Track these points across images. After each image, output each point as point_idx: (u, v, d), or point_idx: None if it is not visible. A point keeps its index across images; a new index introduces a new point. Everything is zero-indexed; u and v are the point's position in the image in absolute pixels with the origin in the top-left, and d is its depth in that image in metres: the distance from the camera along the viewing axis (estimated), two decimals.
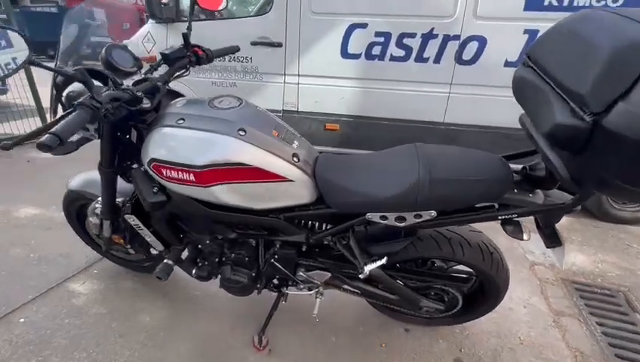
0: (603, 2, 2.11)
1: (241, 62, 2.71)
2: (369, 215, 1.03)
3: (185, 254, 1.32)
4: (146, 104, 1.03)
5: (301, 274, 1.28)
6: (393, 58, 2.47)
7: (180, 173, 0.97)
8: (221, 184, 0.98)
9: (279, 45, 2.60)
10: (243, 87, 2.77)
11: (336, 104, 2.69)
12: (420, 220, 1.00)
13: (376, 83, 2.57)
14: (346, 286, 1.32)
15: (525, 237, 0.98)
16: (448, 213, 1.01)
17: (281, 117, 2.59)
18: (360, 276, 1.13)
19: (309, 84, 2.68)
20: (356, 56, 2.52)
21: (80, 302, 1.55)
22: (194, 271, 1.29)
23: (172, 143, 0.97)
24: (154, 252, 1.46)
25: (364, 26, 2.44)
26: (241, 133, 0.97)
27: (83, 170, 1.47)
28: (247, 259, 1.23)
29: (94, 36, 3.54)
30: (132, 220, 1.21)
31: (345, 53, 2.53)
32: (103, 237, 1.45)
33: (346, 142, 2.75)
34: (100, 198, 1.31)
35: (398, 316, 1.52)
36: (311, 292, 1.34)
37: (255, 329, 1.45)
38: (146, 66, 1.12)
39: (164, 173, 0.98)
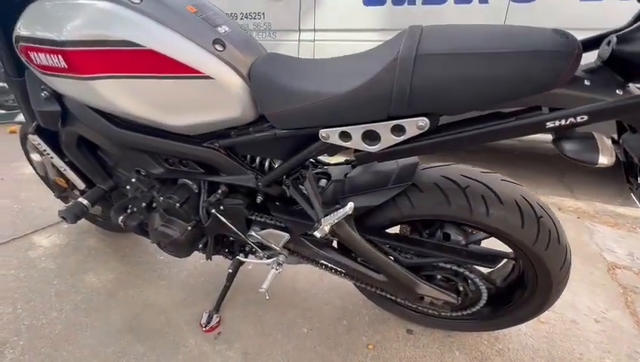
0: None
1: (253, 18, 2.46)
2: (323, 132, 0.65)
3: None
4: None
5: (253, 234, 0.93)
6: (427, 1, 2.00)
7: (48, 55, 0.68)
8: (106, 77, 0.68)
9: None
10: None
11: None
12: (402, 137, 0.59)
13: None
14: (314, 257, 0.94)
15: (604, 159, 0.51)
16: (453, 125, 0.59)
17: None
18: (316, 233, 0.75)
19: (326, 40, 2.32)
20: (381, 2, 2.10)
21: (35, 255, 1.39)
22: (121, 219, 1.01)
23: (43, 15, 0.70)
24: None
25: None
26: (135, 0, 0.66)
27: None
28: (179, 206, 0.91)
29: None
30: (37, 143, 0.97)
31: (367, 0, 2.13)
32: (50, 180, 1.26)
33: None
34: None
35: (400, 311, 1.10)
36: (269, 260, 0.99)
37: (210, 306, 1.15)
38: None
39: (33, 58, 0.71)
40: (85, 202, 0.94)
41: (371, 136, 0.62)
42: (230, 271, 1.05)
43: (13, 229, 1.55)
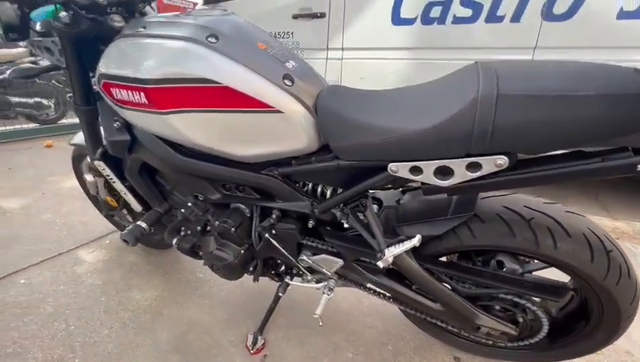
0: None
1: (282, 37, 2.52)
2: (392, 166, 0.66)
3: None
4: (118, 22, 0.83)
5: (305, 258, 0.95)
6: (457, 20, 2.02)
7: (130, 92, 0.72)
8: (181, 112, 0.71)
9: (322, 16, 2.35)
10: None
11: (384, 80, 2.32)
12: (477, 174, 0.60)
13: (433, 52, 2.14)
14: (364, 282, 0.95)
15: None
16: (532, 162, 0.59)
17: None
18: (379, 264, 0.75)
19: (354, 58, 2.36)
20: (410, 22, 2.13)
21: (81, 271, 1.44)
22: (175, 242, 1.04)
23: (124, 54, 0.74)
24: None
25: None
26: (212, 40, 0.70)
27: None
28: (234, 230, 0.94)
29: None
30: (102, 169, 1.02)
31: (397, 19, 2.16)
32: (100, 199, 1.31)
33: None
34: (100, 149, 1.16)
35: (448, 339, 1.08)
36: (319, 285, 1.00)
37: (254, 326, 1.16)
38: None
39: (114, 93, 0.76)
40: (144, 225, 0.98)
41: (444, 172, 0.63)
42: (280, 294, 1.06)
43: (58, 244, 1.60)
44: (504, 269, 0.84)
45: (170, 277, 1.43)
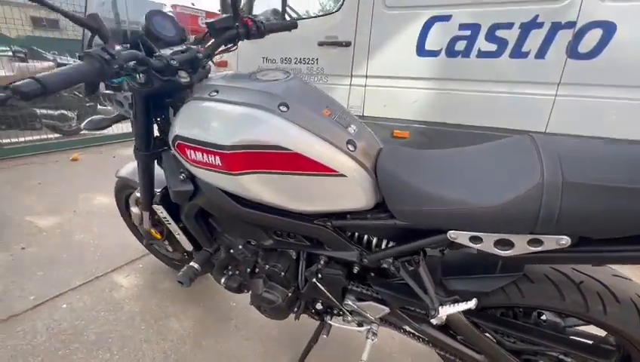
0: None
1: (307, 63, 2.60)
2: (452, 233, 0.70)
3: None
4: (184, 78, 0.89)
5: (349, 303, 0.98)
6: (482, 54, 2.07)
7: (205, 154, 0.78)
8: (252, 173, 0.77)
9: (347, 45, 2.41)
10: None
11: (407, 108, 2.37)
12: (538, 249, 0.64)
13: (457, 83, 2.19)
14: (408, 330, 0.98)
15: None
16: (590, 243, 0.63)
17: None
18: (432, 320, 0.79)
19: (377, 86, 2.41)
20: (435, 53, 2.19)
21: (119, 296, 1.49)
22: (223, 281, 1.09)
23: (199, 118, 0.80)
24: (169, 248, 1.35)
25: (446, 18, 2.10)
26: (283, 108, 0.75)
27: None
28: (283, 274, 0.98)
29: None
30: (160, 212, 1.08)
31: (421, 51, 2.22)
32: (143, 230, 1.36)
33: None
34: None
35: None
36: (361, 328, 1.03)
37: (289, 360, 1.19)
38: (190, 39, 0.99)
39: (189, 154, 0.81)
40: (196, 266, 1.03)
41: (504, 243, 0.66)
42: (324, 336, 1.09)
43: (94, 267, 1.66)
44: (545, 321, 0.87)
45: (205, 304, 1.47)
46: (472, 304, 0.75)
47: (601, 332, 0.82)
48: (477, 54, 2.08)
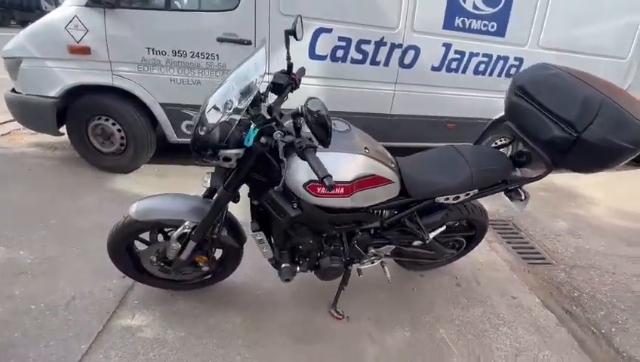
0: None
1: (207, 58, 2.60)
2: (438, 198, 1.49)
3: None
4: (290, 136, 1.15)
5: (372, 251, 1.64)
6: (353, 61, 2.88)
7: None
8: (358, 192, 1.24)
9: (248, 43, 2.62)
10: (208, 85, 2.65)
11: (302, 102, 2.93)
12: (467, 196, 1.52)
13: (338, 81, 2.94)
14: (402, 252, 1.76)
15: (523, 197, 1.62)
16: (480, 190, 1.56)
17: None
18: (426, 242, 1.59)
19: None
20: (322, 58, 2.81)
21: (150, 334, 1.46)
22: (297, 269, 1.47)
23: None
24: (205, 268, 1.56)
25: (329, 30, 2.74)
26: (367, 150, 1.25)
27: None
28: (341, 248, 1.51)
29: None
30: (258, 236, 1.31)
31: (312, 55, 2.78)
32: (175, 261, 1.42)
33: None
34: (187, 223, 1.31)
35: (414, 266, 2.07)
36: (377, 263, 1.72)
37: (322, 310, 1.73)
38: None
39: (319, 190, 1.17)
40: (289, 265, 1.36)
41: (457, 198, 1.50)
42: (360, 276, 1.69)
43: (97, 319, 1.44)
44: (456, 225, 1.87)
45: (237, 304, 1.70)
46: (444, 227, 1.59)
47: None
48: (350, 61, 2.87)
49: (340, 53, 2.82)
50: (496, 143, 3.48)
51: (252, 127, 1.08)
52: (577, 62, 2.50)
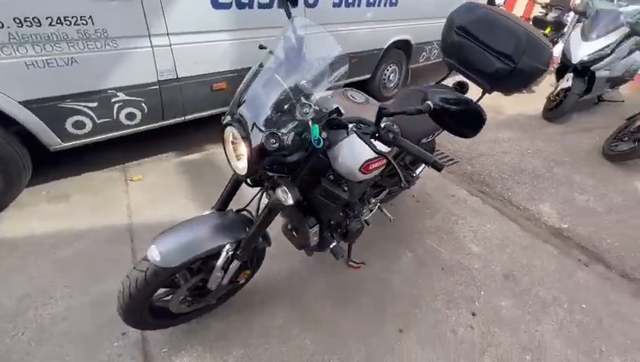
0: None
1: (76, 25, 1.84)
2: (423, 141, 1.71)
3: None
4: None
5: (372, 200, 1.81)
6: (260, 5, 2.56)
7: (377, 163, 1.21)
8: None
9: None
10: (88, 63, 1.94)
11: (217, 61, 2.53)
12: (434, 136, 1.80)
13: (248, 32, 2.61)
14: (390, 192, 1.99)
15: None
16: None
17: (159, 90, 2.23)
18: (415, 178, 1.86)
19: (184, 44, 2.30)
20: (227, 6, 2.39)
21: None
22: (336, 239, 1.52)
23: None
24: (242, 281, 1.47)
25: None
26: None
27: None
28: (359, 209, 1.61)
29: None
30: (315, 229, 1.26)
31: (215, 3, 2.33)
32: (217, 287, 1.26)
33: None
34: (227, 246, 1.14)
35: (389, 200, 2.38)
36: (375, 208, 1.91)
37: (341, 267, 1.88)
38: None
39: (370, 167, 1.18)
40: (335, 242, 1.38)
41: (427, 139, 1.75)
42: (368, 224, 1.85)
43: None
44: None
45: (280, 307, 1.65)
46: (423, 166, 1.86)
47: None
48: (258, 6, 2.55)
49: None
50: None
51: (310, 124, 0.96)
52: None
